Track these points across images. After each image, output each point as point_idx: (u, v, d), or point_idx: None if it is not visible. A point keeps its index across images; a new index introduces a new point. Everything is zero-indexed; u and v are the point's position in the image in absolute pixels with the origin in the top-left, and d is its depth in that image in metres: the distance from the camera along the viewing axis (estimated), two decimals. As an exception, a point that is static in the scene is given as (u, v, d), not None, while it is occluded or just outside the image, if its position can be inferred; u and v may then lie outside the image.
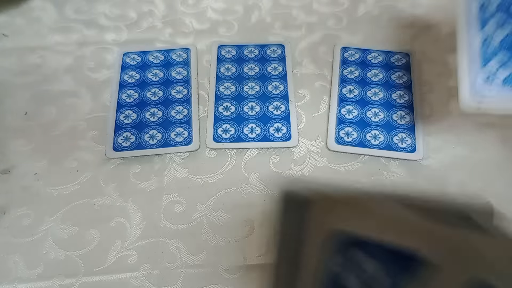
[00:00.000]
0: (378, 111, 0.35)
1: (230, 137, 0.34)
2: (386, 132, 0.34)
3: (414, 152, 0.33)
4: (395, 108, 0.35)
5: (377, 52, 0.39)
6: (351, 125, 0.34)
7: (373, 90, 0.36)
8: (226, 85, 0.37)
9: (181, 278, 0.28)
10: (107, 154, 0.33)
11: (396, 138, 0.33)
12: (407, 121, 0.34)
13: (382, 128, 0.34)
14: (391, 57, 0.38)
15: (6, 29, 0.42)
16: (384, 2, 0.43)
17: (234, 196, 0.32)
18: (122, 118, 0.35)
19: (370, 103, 0.35)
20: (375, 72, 0.37)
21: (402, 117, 0.34)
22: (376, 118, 0.34)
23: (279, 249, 0.18)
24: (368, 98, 0.36)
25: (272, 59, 0.39)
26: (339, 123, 0.34)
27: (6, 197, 0.32)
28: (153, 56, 0.39)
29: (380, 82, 0.37)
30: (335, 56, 0.39)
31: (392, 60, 0.38)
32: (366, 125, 0.34)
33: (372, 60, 0.38)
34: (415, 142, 0.33)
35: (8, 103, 0.37)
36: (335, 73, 0.38)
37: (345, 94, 0.36)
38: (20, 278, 0.29)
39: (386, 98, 0.36)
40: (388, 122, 0.34)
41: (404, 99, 0.36)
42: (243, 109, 0.35)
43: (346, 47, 0.39)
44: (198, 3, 0.44)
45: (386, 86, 0.36)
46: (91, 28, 0.42)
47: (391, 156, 0.33)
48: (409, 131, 0.34)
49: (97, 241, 0.30)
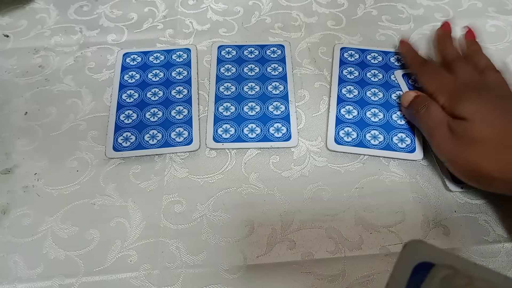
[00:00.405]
0: (377, 111, 0.35)
1: (230, 137, 0.34)
2: (385, 132, 0.34)
3: (413, 152, 0.33)
4: (395, 109, 0.35)
5: (376, 52, 0.39)
6: (351, 125, 0.34)
7: (372, 90, 0.36)
8: (226, 85, 0.37)
9: (181, 278, 0.28)
10: (107, 154, 0.33)
11: (396, 138, 0.33)
12: (406, 122, 0.34)
13: (381, 128, 0.34)
14: (390, 57, 0.38)
15: (9, 30, 0.42)
16: (384, 3, 0.43)
17: (234, 196, 0.32)
18: (122, 118, 0.35)
19: (369, 103, 0.35)
20: (374, 72, 0.37)
21: (401, 118, 0.34)
22: (375, 118, 0.34)
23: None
24: (367, 98, 0.36)
25: (272, 59, 0.39)
26: (338, 123, 0.34)
27: (7, 197, 0.32)
28: (153, 56, 0.39)
29: (379, 83, 0.37)
30: (334, 56, 0.39)
31: (391, 60, 0.38)
32: (366, 125, 0.34)
33: (371, 61, 0.38)
34: (414, 143, 0.33)
35: (9, 103, 0.37)
36: (334, 73, 0.38)
37: (344, 94, 0.36)
38: (20, 278, 0.29)
39: (385, 99, 0.36)
40: (387, 122, 0.34)
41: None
42: (243, 109, 0.35)
43: (346, 47, 0.39)
44: (199, 4, 0.44)
45: (386, 86, 0.36)
46: (92, 29, 0.42)
47: (390, 156, 0.33)
48: (408, 131, 0.34)
49: (97, 241, 0.30)
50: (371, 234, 0.30)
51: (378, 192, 0.32)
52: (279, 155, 0.34)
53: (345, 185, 0.32)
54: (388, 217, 0.31)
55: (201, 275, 0.29)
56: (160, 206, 0.31)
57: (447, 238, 0.30)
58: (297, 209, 0.31)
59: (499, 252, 0.29)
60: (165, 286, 0.28)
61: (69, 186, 0.32)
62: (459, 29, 0.37)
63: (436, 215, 0.31)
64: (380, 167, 0.33)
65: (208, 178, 0.33)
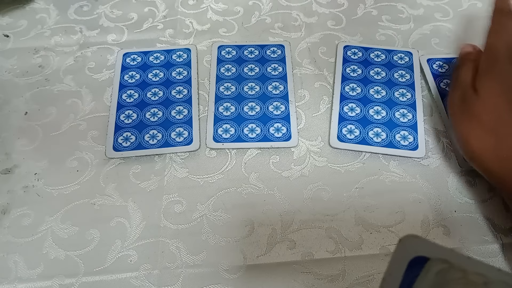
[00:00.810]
0: (380, 109, 0.35)
1: (230, 137, 0.34)
2: (388, 130, 0.34)
3: (416, 150, 0.33)
4: (398, 106, 0.35)
5: (379, 50, 0.39)
6: (354, 122, 0.34)
7: (375, 88, 0.36)
8: (226, 85, 0.37)
9: (181, 278, 0.28)
10: (108, 154, 0.33)
11: (399, 136, 0.33)
12: (409, 119, 0.34)
13: (384, 126, 0.34)
14: (393, 55, 0.38)
15: (9, 30, 0.42)
16: (384, 3, 0.43)
17: (234, 196, 0.32)
18: (122, 118, 0.35)
19: (372, 101, 0.36)
20: (377, 70, 0.37)
21: (404, 115, 0.35)
22: (378, 116, 0.35)
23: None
24: (370, 96, 0.36)
25: (272, 59, 0.39)
26: (341, 121, 0.34)
27: (7, 197, 0.32)
28: (153, 56, 0.39)
29: (382, 81, 0.37)
30: (337, 54, 0.39)
31: (395, 59, 0.38)
32: (369, 122, 0.34)
33: (375, 59, 0.38)
34: (417, 140, 0.33)
35: (9, 103, 0.37)
36: (337, 71, 0.38)
37: (347, 92, 0.36)
38: (20, 278, 0.29)
39: (388, 96, 0.36)
40: (390, 120, 0.34)
41: (407, 97, 0.36)
42: (243, 109, 0.35)
43: (349, 45, 0.39)
44: (199, 4, 0.44)
45: (389, 84, 0.37)
46: (92, 29, 0.42)
47: (393, 153, 0.33)
48: (411, 129, 0.34)
49: (97, 241, 0.30)
50: (371, 234, 0.30)
51: (378, 192, 0.32)
52: (279, 155, 0.34)
53: (345, 185, 0.32)
54: (388, 217, 0.31)
55: (201, 275, 0.29)
56: (160, 206, 0.31)
57: (447, 238, 0.30)
58: (297, 209, 0.31)
59: (499, 252, 0.29)
60: (165, 286, 0.28)
61: (69, 186, 0.32)
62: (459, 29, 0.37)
63: (436, 215, 0.31)
64: (380, 167, 0.33)
65: (208, 178, 0.33)
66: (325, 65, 0.39)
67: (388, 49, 0.39)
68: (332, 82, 0.37)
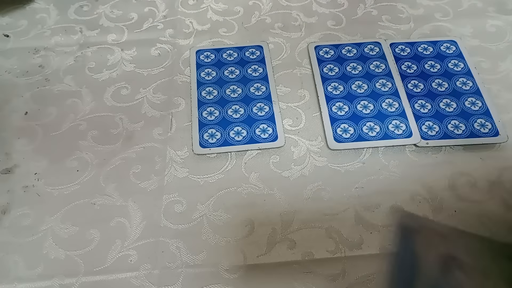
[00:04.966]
0: (367, 103, 0.35)
1: (216, 142, 0.34)
2: (380, 122, 0.34)
3: (411, 136, 0.33)
4: (383, 97, 0.36)
5: (350, 45, 0.39)
6: (345, 121, 0.34)
7: (356, 83, 0.37)
8: (208, 89, 0.37)
9: (181, 278, 0.28)
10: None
11: (391, 126, 0.34)
12: (396, 108, 0.35)
13: (375, 118, 0.34)
14: (364, 47, 0.39)
15: (9, 30, 0.42)
16: (384, 3, 0.43)
17: (234, 196, 0.32)
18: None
19: (357, 97, 0.36)
20: (353, 65, 0.38)
21: (390, 105, 0.35)
22: (367, 110, 0.35)
23: (396, 268, 0.20)
24: (354, 92, 0.36)
25: (251, 60, 0.39)
26: (333, 122, 0.35)
27: (7, 197, 0.32)
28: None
29: (360, 74, 0.37)
30: (311, 56, 0.39)
31: (366, 51, 0.39)
32: (360, 118, 0.34)
33: (347, 54, 0.39)
34: (409, 127, 0.33)
35: (9, 103, 0.37)
36: (316, 73, 0.38)
37: (331, 91, 0.36)
38: (20, 278, 0.29)
39: (371, 89, 0.36)
40: (379, 112, 0.35)
41: (388, 87, 0.36)
42: (227, 113, 0.35)
43: (319, 45, 0.40)
44: (199, 4, 0.44)
45: (368, 77, 0.37)
46: (92, 29, 0.42)
47: (391, 144, 0.33)
48: (401, 117, 0.34)
49: (97, 241, 0.30)
50: (371, 234, 0.30)
51: (378, 192, 0.32)
52: (279, 155, 0.34)
53: (345, 185, 0.32)
54: (388, 216, 0.31)
55: (201, 274, 0.29)
56: (160, 206, 0.31)
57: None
58: (297, 209, 0.31)
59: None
60: (165, 286, 0.28)
61: (69, 186, 0.32)
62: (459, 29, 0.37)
63: (435, 215, 0.31)
64: (380, 166, 0.33)
65: (208, 178, 0.33)
66: (325, 65, 0.39)
67: (358, 42, 0.39)
68: (314, 85, 0.37)
